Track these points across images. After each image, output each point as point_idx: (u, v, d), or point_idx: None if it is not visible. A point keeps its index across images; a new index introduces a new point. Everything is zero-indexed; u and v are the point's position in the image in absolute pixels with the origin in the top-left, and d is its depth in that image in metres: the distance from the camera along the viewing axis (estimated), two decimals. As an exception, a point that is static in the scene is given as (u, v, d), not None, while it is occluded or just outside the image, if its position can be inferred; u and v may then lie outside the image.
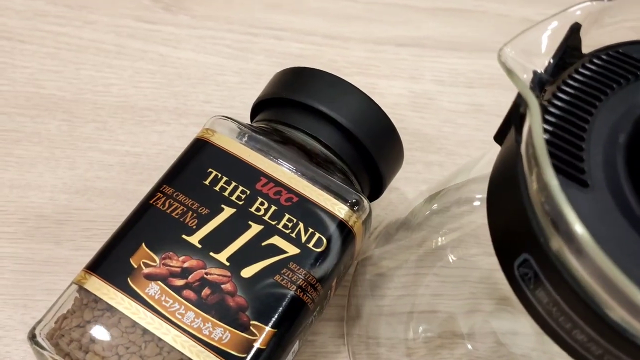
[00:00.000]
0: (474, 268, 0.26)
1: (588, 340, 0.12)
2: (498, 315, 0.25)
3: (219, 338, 0.18)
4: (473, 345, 0.24)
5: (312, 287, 0.19)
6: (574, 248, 0.11)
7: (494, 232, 0.14)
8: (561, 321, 0.12)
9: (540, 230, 0.12)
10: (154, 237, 0.19)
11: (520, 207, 0.13)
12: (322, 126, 0.22)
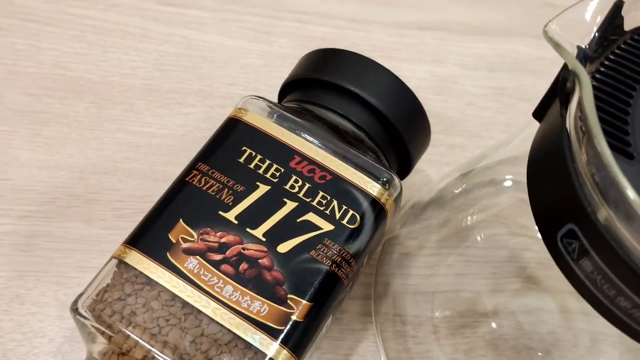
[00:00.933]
0: (499, 248, 0.26)
1: (632, 306, 0.12)
2: (523, 294, 0.26)
3: (257, 311, 0.18)
4: (497, 324, 0.25)
5: (346, 262, 0.19)
6: (623, 215, 0.11)
7: (536, 205, 0.14)
8: (605, 289, 0.13)
9: (587, 201, 0.12)
10: (191, 213, 0.19)
11: (567, 180, 0.13)
12: (352, 106, 0.22)
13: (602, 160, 0.11)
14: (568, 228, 0.13)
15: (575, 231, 0.13)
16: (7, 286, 0.24)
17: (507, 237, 0.26)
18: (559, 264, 0.14)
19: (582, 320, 0.25)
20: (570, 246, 0.13)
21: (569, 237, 0.13)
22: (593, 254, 0.12)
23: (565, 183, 0.13)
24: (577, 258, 0.13)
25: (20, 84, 0.29)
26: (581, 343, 0.24)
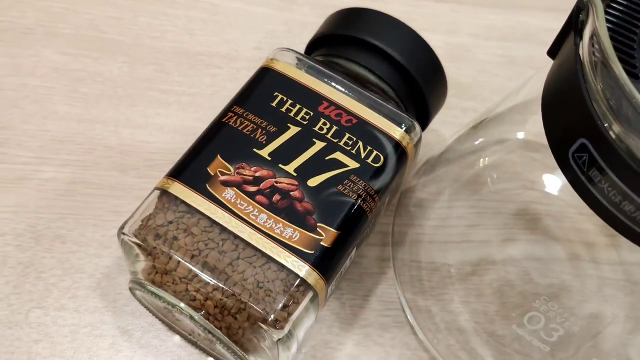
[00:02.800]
0: (509, 201, 0.28)
1: (635, 209, 0.14)
2: (532, 243, 0.27)
3: (290, 237, 0.20)
4: (506, 271, 0.26)
5: (370, 197, 0.21)
6: (631, 127, 0.13)
7: (550, 129, 0.16)
8: (611, 195, 0.14)
9: (599, 118, 0.14)
10: (228, 150, 0.21)
11: (580, 101, 0.14)
12: (375, 59, 0.24)
13: (615, 77, 0.13)
14: (580, 143, 0.15)
15: (587, 145, 0.14)
16: (49, 227, 0.26)
17: (517, 191, 0.28)
18: (569, 178, 0.15)
19: (591, 267, 0.26)
20: (580, 160, 0.15)
21: (580, 151, 0.15)
22: (601, 163, 0.14)
23: (579, 104, 0.15)
24: (587, 169, 0.14)
25: (57, 44, 0.30)
26: (587, 288, 0.25)
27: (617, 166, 0.14)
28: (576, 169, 0.15)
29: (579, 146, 0.15)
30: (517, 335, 0.25)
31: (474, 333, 0.25)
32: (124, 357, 0.23)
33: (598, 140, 0.14)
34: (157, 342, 0.24)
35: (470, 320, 0.25)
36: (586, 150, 0.15)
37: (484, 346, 0.25)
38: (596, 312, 0.25)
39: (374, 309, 0.25)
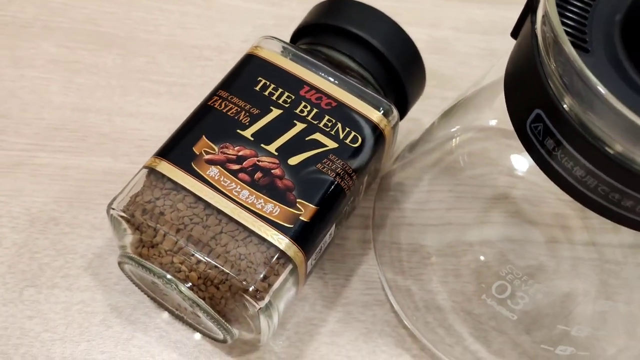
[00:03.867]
0: (487, 186, 0.29)
1: (586, 174, 0.15)
2: (509, 226, 0.28)
3: (270, 211, 0.21)
4: (483, 253, 0.27)
5: (348, 175, 0.22)
6: (582, 100, 0.14)
7: (511, 103, 0.17)
8: (564, 161, 0.15)
9: (553, 91, 0.15)
10: (213, 130, 0.22)
11: (536, 76, 0.15)
12: (356, 48, 0.25)
13: (565, 55, 0.14)
14: (535, 114, 0.16)
15: (541, 115, 0.15)
16: (43, 210, 0.27)
17: (495, 176, 0.29)
18: (527, 149, 0.16)
19: (567, 248, 0.27)
20: (536, 130, 0.16)
21: (536, 121, 0.16)
22: (555, 131, 0.15)
23: (535, 80, 0.16)
24: (542, 138, 0.15)
25: (54, 38, 0.31)
26: (562, 268, 0.26)
27: (569, 135, 0.15)
28: (533, 139, 0.16)
29: (535, 117, 0.16)
30: (494, 313, 0.26)
31: (451, 311, 0.26)
32: (113, 332, 0.24)
33: (552, 111, 0.15)
34: (146, 319, 0.25)
35: (448, 299, 0.26)
36: (541, 120, 0.16)
37: (462, 323, 0.25)
38: (569, 289, 0.25)
39: (356, 288, 0.26)
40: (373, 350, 0.25)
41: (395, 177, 0.27)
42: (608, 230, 0.29)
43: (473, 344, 0.25)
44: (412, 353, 0.25)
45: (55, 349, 0.24)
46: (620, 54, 0.15)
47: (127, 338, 0.24)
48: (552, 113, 0.15)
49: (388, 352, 0.25)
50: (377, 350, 0.25)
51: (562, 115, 0.15)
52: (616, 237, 0.28)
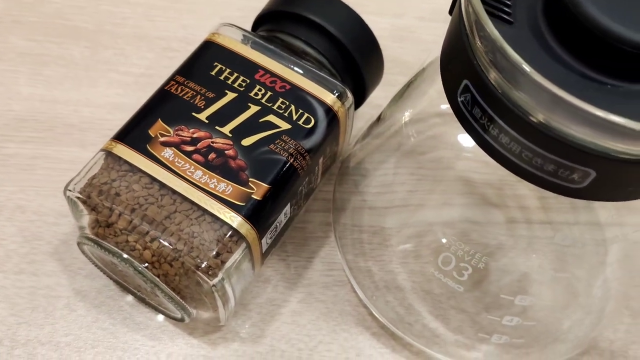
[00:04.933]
0: (449, 169, 0.29)
1: (510, 141, 0.15)
2: (470, 208, 0.29)
3: (223, 190, 0.21)
4: (444, 233, 0.28)
5: (301, 155, 0.22)
6: (502, 70, 0.14)
7: (445, 79, 0.17)
8: (491, 129, 0.16)
9: (479, 65, 0.15)
10: (169, 114, 0.22)
11: (464, 51, 0.16)
12: (314, 34, 0.25)
13: (486, 31, 0.14)
14: (464, 84, 0.16)
15: (469, 86, 0.16)
16: (10, 199, 0.27)
17: (455, 161, 0.29)
18: (459, 119, 0.17)
19: (524, 228, 0.28)
20: (465, 100, 0.16)
21: (464, 92, 0.16)
22: (481, 101, 0.15)
23: (463, 55, 0.16)
24: (471, 108, 0.16)
25: (23, 32, 0.32)
26: (519, 246, 0.27)
27: (495, 105, 0.16)
28: (463, 109, 0.17)
29: (463, 87, 0.16)
30: (453, 292, 0.26)
31: (411, 291, 0.26)
32: (78, 315, 0.25)
33: (478, 84, 0.16)
34: (110, 302, 0.25)
35: (408, 280, 0.26)
36: (469, 91, 0.16)
37: (421, 302, 0.26)
38: (523, 266, 0.26)
39: (317, 270, 0.27)
40: (333, 329, 0.25)
41: (356, 161, 0.28)
42: (566, 210, 0.29)
43: (432, 321, 0.26)
44: (372, 331, 0.26)
45: (21, 332, 0.24)
46: (542, 25, 0.16)
47: (92, 321, 0.25)
48: (478, 85, 0.16)
49: (348, 330, 0.25)
50: (337, 328, 0.25)
51: (488, 87, 0.16)
52: (572, 216, 0.28)
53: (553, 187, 0.16)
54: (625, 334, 0.26)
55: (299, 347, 0.25)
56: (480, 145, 0.16)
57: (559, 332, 0.24)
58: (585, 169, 0.15)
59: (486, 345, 0.25)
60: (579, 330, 0.25)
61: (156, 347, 0.24)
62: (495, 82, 0.16)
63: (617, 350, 0.26)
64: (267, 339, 0.25)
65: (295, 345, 0.25)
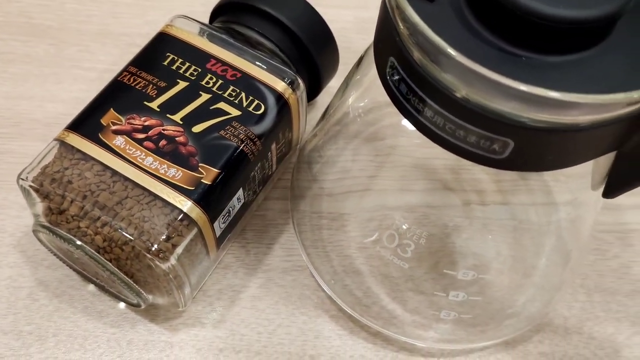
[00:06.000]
0: (408, 156, 0.30)
1: (434, 114, 0.16)
2: (428, 192, 0.29)
3: (173, 176, 0.22)
4: (403, 216, 0.28)
5: (251, 141, 0.23)
6: (424, 50, 0.15)
7: (377, 60, 0.18)
8: (416, 104, 0.16)
9: (402, 43, 0.16)
10: (121, 103, 0.23)
11: (391, 34, 0.16)
12: (269, 26, 0.26)
13: (405, 14, 0.15)
14: (390, 62, 0.17)
15: (395, 64, 0.16)
16: (-26, 193, 0.28)
17: (415, 148, 0.30)
18: (391, 97, 0.17)
19: (479, 209, 0.28)
20: (392, 78, 0.17)
21: (391, 68, 0.17)
22: (404, 75, 0.16)
23: (390, 36, 0.17)
24: (398, 85, 0.16)
25: (-12, 30, 0.32)
26: (475, 226, 0.27)
27: (419, 82, 0.16)
28: (392, 85, 0.17)
29: (390, 65, 0.17)
30: (409, 275, 0.27)
31: (369, 274, 0.27)
32: (40, 305, 0.25)
33: (404, 62, 0.16)
34: (72, 291, 0.26)
35: (367, 264, 0.27)
36: (395, 68, 0.17)
37: (379, 285, 0.26)
38: (482, 247, 0.26)
39: (277, 255, 0.27)
40: (292, 312, 0.26)
41: (313, 148, 0.28)
42: (522, 192, 0.30)
43: (390, 303, 0.26)
44: (331, 314, 0.26)
45: (-17, 323, 0.25)
46: (462, 2, 0.16)
47: (53, 310, 0.25)
48: (404, 63, 0.16)
49: (307, 313, 0.26)
50: (296, 312, 0.26)
51: (412, 65, 0.16)
52: (528, 198, 0.29)
53: (477, 158, 0.16)
54: (580, 311, 0.27)
55: (259, 330, 0.25)
56: (410, 121, 0.17)
57: (513, 308, 0.25)
58: (504, 139, 0.16)
59: (443, 325, 0.25)
60: (532, 306, 0.26)
61: (117, 334, 0.25)
62: (419, 60, 0.16)
63: (571, 327, 0.26)
64: (227, 323, 0.25)
65: (254, 329, 0.25)
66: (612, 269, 0.28)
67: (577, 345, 0.26)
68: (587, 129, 0.15)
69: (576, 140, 0.16)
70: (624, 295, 0.27)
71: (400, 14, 0.16)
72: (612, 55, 0.16)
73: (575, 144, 0.16)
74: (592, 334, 0.26)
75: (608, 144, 0.16)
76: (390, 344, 0.25)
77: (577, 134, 0.16)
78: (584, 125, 0.15)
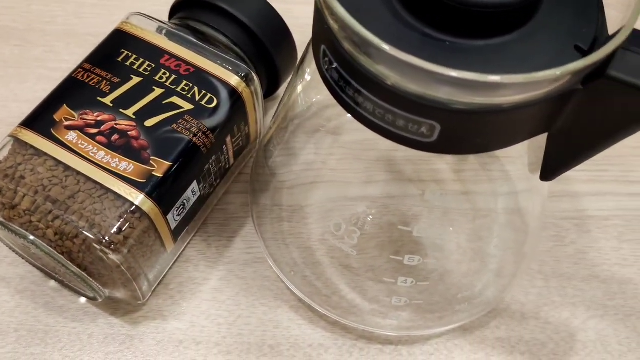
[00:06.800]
0: (370, 150, 0.30)
1: (364, 100, 0.16)
2: (390, 183, 0.29)
3: (124, 169, 0.22)
4: (365, 206, 0.28)
5: (204, 134, 0.23)
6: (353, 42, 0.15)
7: (314, 47, 0.18)
8: (342, 85, 0.16)
9: (332, 32, 0.16)
10: (74, 99, 0.23)
11: (322, 22, 0.17)
12: (225, 22, 0.26)
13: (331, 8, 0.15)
14: (323, 50, 0.17)
15: (326, 50, 0.17)
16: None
17: (377, 141, 0.30)
18: (326, 84, 0.17)
19: (439, 199, 0.28)
20: (325, 64, 0.17)
21: (324, 56, 0.17)
22: (333, 60, 0.16)
23: (322, 28, 0.17)
24: (328, 68, 0.17)
25: (-47, 33, 0.33)
26: (435, 215, 0.28)
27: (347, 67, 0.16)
28: (326, 74, 0.17)
29: (323, 53, 0.17)
30: (372, 265, 0.27)
31: (329, 265, 0.27)
32: (1, 302, 0.25)
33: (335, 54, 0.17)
34: (33, 287, 0.26)
35: (327, 255, 0.27)
36: (326, 55, 0.17)
37: (339, 276, 0.27)
38: (439, 234, 0.27)
39: (238, 248, 0.27)
40: (252, 303, 0.26)
41: (272, 142, 0.29)
42: (481, 181, 0.30)
43: (349, 293, 0.26)
44: (290, 304, 0.26)
45: (-56, 320, 0.25)
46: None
47: (14, 306, 0.25)
48: (333, 51, 0.17)
49: (267, 304, 0.26)
50: (256, 303, 0.26)
51: (341, 53, 0.16)
52: (488, 187, 0.29)
53: (408, 142, 0.17)
54: (537, 297, 0.27)
55: (219, 322, 0.26)
56: (345, 108, 0.17)
57: (463, 293, 0.25)
58: (430, 122, 0.16)
59: (401, 312, 0.26)
60: (488, 291, 0.26)
61: (77, 328, 0.25)
62: (347, 49, 0.17)
63: (528, 312, 0.27)
64: (187, 315, 0.26)
65: (214, 320, 0.26)
66: (568, 255, 0.28)
67: (534, 330, 0.26)
68: (511, 110, 0.16)
69: (501, 122, 0.16)
70: (580, 280, 0.27)
71: (325, 2, 0.16)
72: (536, 38, 0.16)
73: (501, 125, 0.16)
74: (548, 319, 0.26)
75: (535, 125, 0.17)
76: (349, 332, 0.26)
77: (501, 115, 0.16)
78: (507, 107, 0.16)
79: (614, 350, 0.26)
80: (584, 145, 0.18)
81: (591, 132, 0.17)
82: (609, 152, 0.31)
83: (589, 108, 0.16)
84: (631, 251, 0.28)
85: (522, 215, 0.27)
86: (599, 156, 0.32)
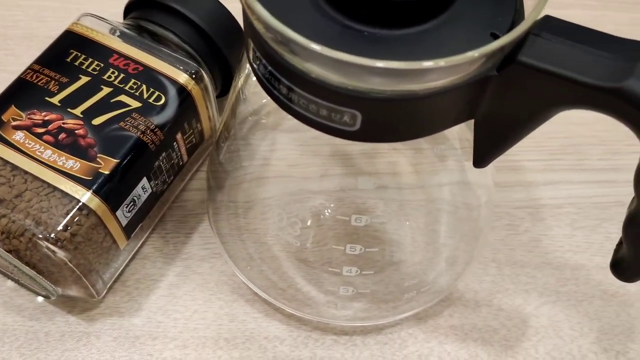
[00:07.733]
0: (327, 145, 0.31)
1: (288, 91, 0.17)
2: (345, 177, 0.30)
3: (71, 167, 0.22)
4: (322, 199, 0.29)
5: (151, 131, 0.23)
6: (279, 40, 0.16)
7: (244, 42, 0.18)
8: (274, 82, 0.17)
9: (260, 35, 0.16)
10: (22, 100, 0.24)
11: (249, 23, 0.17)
12: (175, 21, 0.27)
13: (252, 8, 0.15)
14: (250, 43, 0.17)
15: (252, 45, 0.17)
16: None
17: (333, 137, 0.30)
18: (256, 77, 0.18)
19: (394, 192, 0.29)
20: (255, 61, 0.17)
21: (252, 51, 0.17)
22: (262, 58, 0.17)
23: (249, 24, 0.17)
24: (254, 60, 0.17)
25: None
26: (390, 208, 0.28)
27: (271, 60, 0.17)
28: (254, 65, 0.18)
29: (251, 47, 0.18)
30: (327, 258, 0.27)
31: (285, 259, 0.27)
32: (-41, 302, 0.26)
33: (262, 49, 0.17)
34: (-9, 288, 0.26)
35: (282, 250, 0.27)
36: (254, 50, 0.17)
37: (294, 269, 0.27)
38: (396, 226, 0.27)
39: (195, 244, 0.28)
40: (209, 298, 0.26)
41: (223, 138, 0.29)
42: (437, 172, 0.31)
43: (305, 286, 0.27)
44: (246, 298, 0.27)
45: None
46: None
47: (-28, 306, 0.26)
48: (258, 45, 0.17)
49: (223, 298, 0.27)
50: (212, 298, 0.26)
51: (264, 46, 0.17)
52: (444, 178, 0.29)
53: (333, 131, 0.17)
54: (491, 285, 0.27)
55: (175, 317, 0.26)
56: (273, 99, 0.18)
57: (409, 282, 0.25)
58: (351, 111, 0.16)
59: (355, 303, 0.26)
60: (442, 279, 0.26)
61: (35, 326, 0.25)
62: (271, 42, 0.17)
63: (481, 300, 0.27)
64: (144, 311, 0.26)
65: (171, 315, 0.26)
66: (522, 243, 0.28)
67: (486, 317, 0.26)
68: (429, 97, 0.16)
69: (421, 109, 0.17)
70: (533, 267, 0.28)
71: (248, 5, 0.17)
72: (454, 25, 0.17)
73: (421, 112, 0.17)
74: (501, 306, 0.27)
75: (458, 112, 0.17)
76: (304, 324, 0.26)
77: (420, 102, 0.16)
78: (424, 94, 0.16)
79: (565, 335, 0.26)
80: (508, 130, 0.18)
81: (512, 117, 0.18)
82: (563, 142, 0.32)
83: (506, 94, 0.17)
84: (584, 238, 0.29)
85: (471, 204, 0.27)
86: (554, 145, 0.33)
